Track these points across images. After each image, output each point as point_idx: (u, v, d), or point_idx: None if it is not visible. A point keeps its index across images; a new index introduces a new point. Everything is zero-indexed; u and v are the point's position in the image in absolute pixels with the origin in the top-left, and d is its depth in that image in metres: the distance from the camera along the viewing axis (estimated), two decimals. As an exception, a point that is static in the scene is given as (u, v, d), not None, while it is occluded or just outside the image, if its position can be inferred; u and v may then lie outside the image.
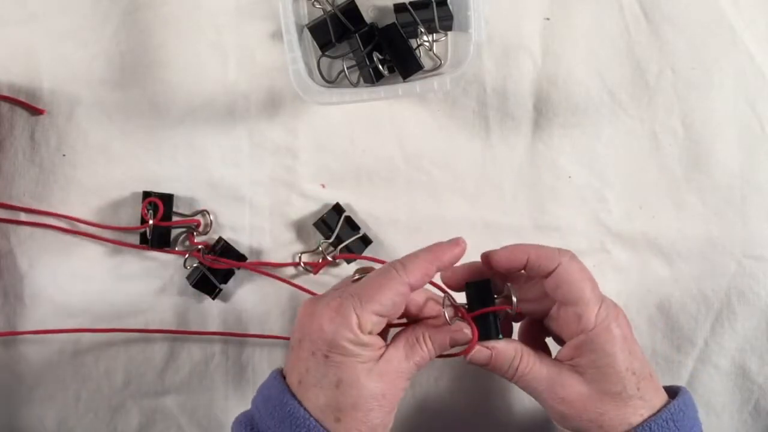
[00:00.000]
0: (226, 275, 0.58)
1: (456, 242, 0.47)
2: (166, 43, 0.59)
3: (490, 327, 0.47)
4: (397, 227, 0.59)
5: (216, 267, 0.57)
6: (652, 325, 0.59)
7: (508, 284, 0.49)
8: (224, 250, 0.58)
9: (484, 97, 0.59)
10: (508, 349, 0.47)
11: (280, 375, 0.47)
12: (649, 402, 0.46)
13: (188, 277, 0.58)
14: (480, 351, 0.47)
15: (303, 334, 0.46)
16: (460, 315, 0.47)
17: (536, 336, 0.51)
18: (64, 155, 0.59)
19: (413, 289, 0.45)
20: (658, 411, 0.46)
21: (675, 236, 0.59)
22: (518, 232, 0.59)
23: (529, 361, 0.47)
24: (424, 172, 0.60)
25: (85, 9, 0.59)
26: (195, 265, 0.58)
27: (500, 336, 0.47)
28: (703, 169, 0.60)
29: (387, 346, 0.46)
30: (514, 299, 0.48)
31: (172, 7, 0.59)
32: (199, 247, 0.58)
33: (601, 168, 0.60)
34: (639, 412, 0.45)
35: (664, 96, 0.60)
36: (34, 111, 0.59)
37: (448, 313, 0.47)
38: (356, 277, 0.49)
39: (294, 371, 0.46)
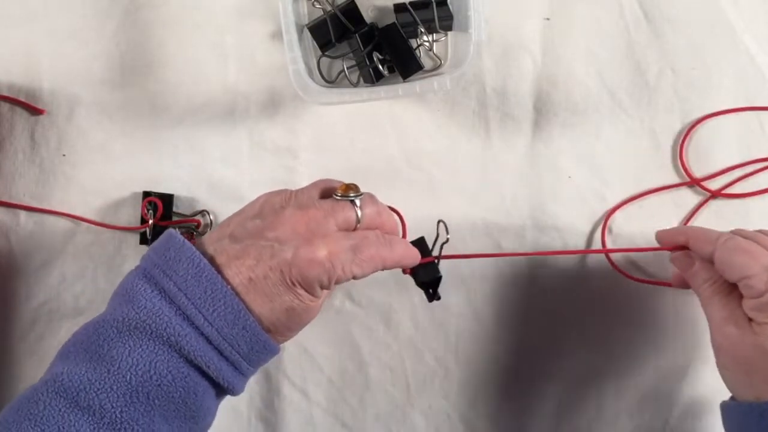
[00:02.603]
0: None
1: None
2: (166, 43, 0.59)
3: (427, 273, 0.51)
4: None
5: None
6: (652, 324, 0.59)
7: (440, 221, 0.52)
8: None
9: (484, 97, 0.59)
10: (708, 269, 0.50)
11: (201, 253, 0.44)
12: None
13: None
14: (684, 256, 0.52)
15: (281, 245, 0.44)
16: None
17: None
18: (64, 155, 0.59)
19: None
20: None
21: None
22: (518, 232, 0.59)
23: (721, 289, 0.50)
24: (424, 172, 0.60)
25: (85, 9, 0.59)
26: None
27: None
28: (703, 170, 0.60)
29: None
30: (446, 235, 0.51)
31: (172, 7, 0.59)
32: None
33: (601, 168, 0.60)
34: None
35: (664, 96, 0.60)
36: (34, 111, 0.59)
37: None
38: (340, 194, 0.47)
39: (246, 267, 0.44)
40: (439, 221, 0.52)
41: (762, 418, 0.46)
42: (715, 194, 0.59)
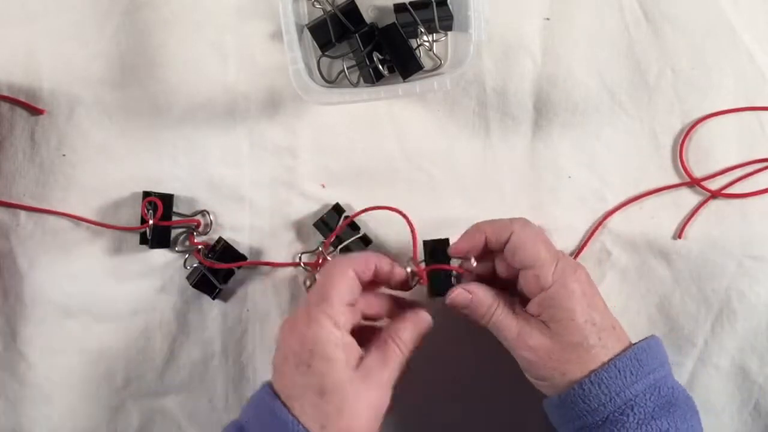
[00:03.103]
0: (227, 275, 0.58)
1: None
2: (166, 43, 0.59)
3: (442, 283, 0.52)
4: (397, 227, 0.59)
5: (217, 267, 0.57)
6: (652, 325, 0.59)
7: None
8: (224, 250, 0.58)
9: (484, 97, 0.59)
10: (487, 296, 0.50)
11: (271, 387, 0.47)
12: (611, 350, 0.48)
13: (188, 277, 0.58)
14: (461, 294, 0.51)
15: (286, 352, 0.47)
16: (418, 271, 0.51)
17: (513, 291, 0.52)
18: (64, 155, 0.59)
19: (358, 273, 0.49)
20: (617, 355, 0.47)
21: (675, 236, 0.59)
22: (518, 232, 0.59)
23: (504, 310, 0.50)
24: (424, 172, 0.60)
25: (85, 9, 0.59)
26: (195, 265, 0.58)
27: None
28: (703, 170, 0.60)
29: (361, 356, 0.48)
30: (472, 260, 0.51)
31: (172, 7, 0.59)
32: (199, 247, 0.58)
33: (601, 168, 0.60)
34: (600, 359, 0.47)
35: (664, 96, 0.60)
36: (34, 111, 0.59)
37: (409, 267, 0.51)
38: (308, 284, 0.51)
39: (281, 389, 0.47)
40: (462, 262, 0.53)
41: (575, 405, 0.47)
42: (715, 194, 0.59)
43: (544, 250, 0.49)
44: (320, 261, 0.58)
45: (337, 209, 0.58)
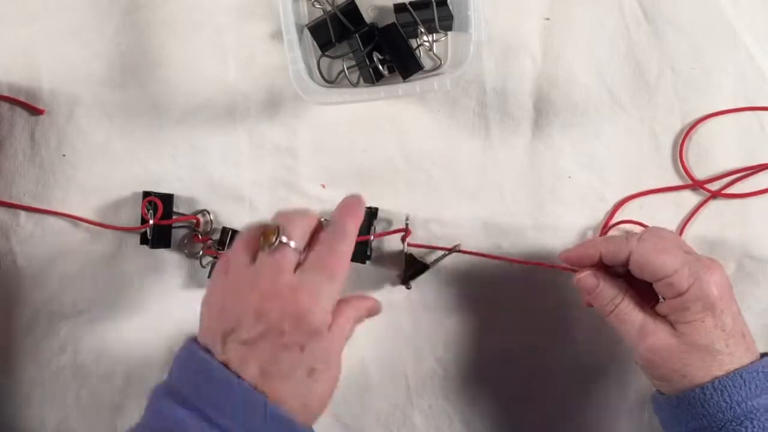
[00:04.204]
0: None
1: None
2: (166, 43, 0.59)
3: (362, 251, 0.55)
4: (396, 227, 0.59)
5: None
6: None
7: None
8: (234, 236, 0.58)
9: (484, 97, 0.59)
10: (613, 287, 0.50)
11: (214, 359, 0.44)
12: (737, 358, 0.47)
13: (210, 276, 0.58)
14: (589, 277, 0.51)
15: (268, 328, 0.43)
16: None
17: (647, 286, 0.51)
18: (64, 155, 0.59)
19: None
20: (744, 366, 0.47)
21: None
22: (518, 232, 0.59)
23: (628, 305, 0.50)
24: (424, 172, 0.60)
25: (85, 9, 0.59)
26: (210, 260, 0.58)
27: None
28: (703, 169, 0.60)
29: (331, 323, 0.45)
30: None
31: (172, 7, 0.59)
32: (208, 242, 0.58)
33: (601, 168, 0.60)
34: (724, 367, 0.47)
35: (664, 96, 0.60)
36: (34, 111, 0.59)
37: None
38: (267, 246, 0.45)
39: (252, 364, 0.43)
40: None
41: (693, 407, 0.46)
42: (715, 194, 0.59)
43: (670, 260, 0.48)
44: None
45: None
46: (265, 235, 0.45)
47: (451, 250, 0.57)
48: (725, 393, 0.46)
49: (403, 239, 0.57)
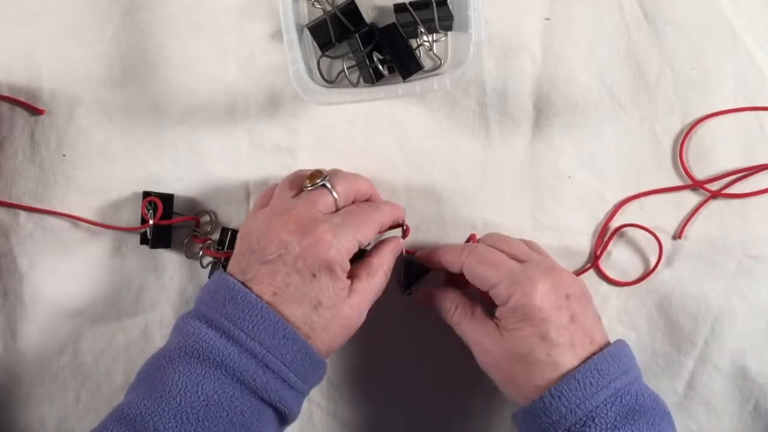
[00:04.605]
0: None
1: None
2: (166, 44, 0.59)
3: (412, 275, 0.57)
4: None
5: (229, 255, 0.57)
6: (652, 325, 0.59)
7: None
8: (234, 236, 0.58)
9: (484, 97, 0.59)
10: (447, 297, 0.53)
11: (241, 284, 0.48)
12: (558, 368, 0.47)
13: (210, 276, 0.58)
14: (423, 293, 0.55)
15: (287, 250, 0.47)
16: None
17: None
18: (64, 155, 0.59)
19: (382, 224, 0.52)
20: (576, 367, 0.47)
21: (675, 236, 0.59)
22: (518, 232, 0.59)
23: (461, 313, 0.52)
24: (424, 172, 0.60)
25: (85, 9, 0.59)
26: (211, 260, 0.58)
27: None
28: (703, 169, 0.60)
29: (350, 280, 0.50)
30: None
31: (171, 7, 0.59)
32: (207, 242, 0.58)
33: (601, 168, 0.60)
34: (546, 376, 0.47)
35: (664, 96, 0.60)
36: (34, 111, 0.59)
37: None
38: (310, 185, 0.50)
39: (267, 284, 0.47)
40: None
41: (537, 417, 0.47)
42: (715, 194, 0.59)
43: (491, 272, 0.49)
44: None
45: None
46: (312, 177, 0.51)
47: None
48: (562, 398, 0.46)
49: (404, 235, 0.56)
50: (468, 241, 0.57)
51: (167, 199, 0.58)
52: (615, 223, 0.59)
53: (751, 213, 0.59)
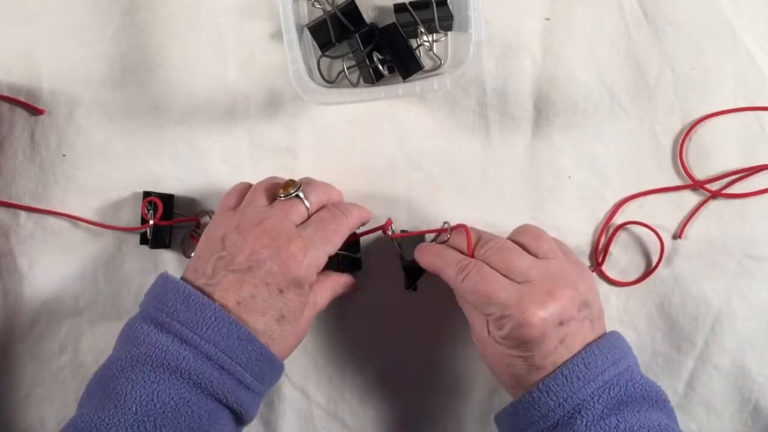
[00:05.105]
0: None
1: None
2: (166, 44, 0.59)
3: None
4: (396, 227, 0.59)
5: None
6: (652, 325, 0.59)
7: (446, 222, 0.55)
8: None
9: (484, 97, 0.59)
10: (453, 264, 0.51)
11: (195, 288, 0.47)
12: (546, 371, 0.47)
13: None
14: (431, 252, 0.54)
15: (257, 263, 0.47)
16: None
17: None
18: (64, 155, 0.59)
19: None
20: (564, 362, 0.47)
21: (675, 236, 0.59)
22: (518, 232, 0.59)
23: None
24: (424, 172, 0.60)
25: (85, 9, 0.59)
26: None
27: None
28: (703, 169, 0.60)
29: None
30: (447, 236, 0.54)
31: (171, 7, 0.59)
32: None
33: (601, 168, 0.60)
34: (530, 379, 0.48)
35: (664, 96, 0.60)
36: (34, 111, 0.59)
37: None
38: (284, 195, 0.51)
39: (232, 292, 0.47)
40: (444, 222, 0.55)
41: (527, 411, 0.47)
42: (715, 194, 0.59)
43: (482, 301, 0.48)
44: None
45: None
46: (285, 186, 0.51)
47: (440, 231, 0.55)
48: (550, 393, 0.46)
49: (384, 230, 0.56)
50: (439, 235, 0.56)
51: (167, 199, 0.58)
52: (615, 223, 0.59)
53: (751, 213, 0.59)
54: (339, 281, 0.55)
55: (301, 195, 0.51)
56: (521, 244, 0.51)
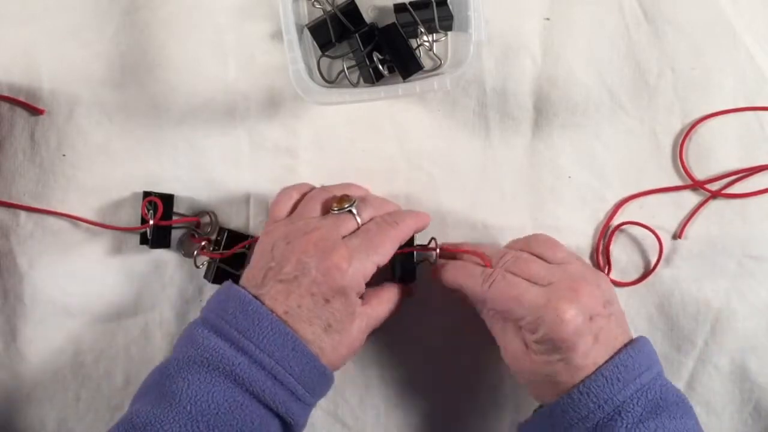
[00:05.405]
0: (240, 261, 0.58)
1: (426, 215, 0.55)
2: (166, 44, 0.59)
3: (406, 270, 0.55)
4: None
5: (225, 254, 0.57)
6: (652, 325, 0.59)
7: (433, 238, 0.56)
8: (231, 238, 0.58)
9: (484, 97, 0.59)
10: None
11: (253, 297, 0.48)
12: (582, 375, 0.47)
13: (205, 276, 0.58)
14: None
15: (303, 272, 0.48)
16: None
17: None
18: (64, 155, 0.59)
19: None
20: (603, 365, 0.47)
21: (675, 236, 0.59)
22: (518, 232, 0.59)
23: (500, 316, 0.52)
24: (424, 172, 0.60)
25: (85, 9, 0.59)
26: (206, 261, 0.58)
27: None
28: (703, 170, 0.60)
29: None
30: (435, 248, 0.55)
31: (172, 7, 0.59)
32: (202, 243, 0.58)
33: (601, 168, 0.60)
34: (569, 384, 0.47)
35: (664, 96, 0.60)
36: (34, 111, 0.59)
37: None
38: (337, 208, 0.51)
39: (280, 302, 0.48)
40: (431, 238, 0.56)
41: (565, 413, 0.47)
42: (715, 194, 0.59)
43: (512, 305, 0.49)
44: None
45: None
46: (340, 200, 0.52)
47: (427, 248, 0.55)
48: (591, 394, 0.46)
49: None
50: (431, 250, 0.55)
51: (167, 199, 0.58)
52: (615, 223, 0.59)
53: (751, 213, 0.59)
54: (395, 292, 0.54)
55: (354, 210, 0.51)
56: (536, 253, 0.52)
